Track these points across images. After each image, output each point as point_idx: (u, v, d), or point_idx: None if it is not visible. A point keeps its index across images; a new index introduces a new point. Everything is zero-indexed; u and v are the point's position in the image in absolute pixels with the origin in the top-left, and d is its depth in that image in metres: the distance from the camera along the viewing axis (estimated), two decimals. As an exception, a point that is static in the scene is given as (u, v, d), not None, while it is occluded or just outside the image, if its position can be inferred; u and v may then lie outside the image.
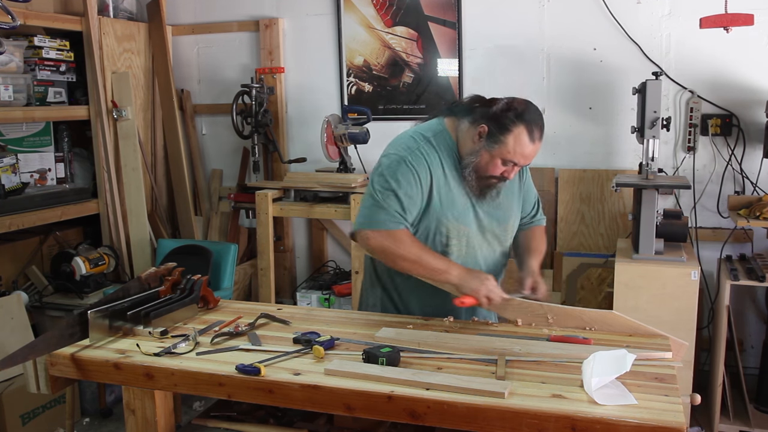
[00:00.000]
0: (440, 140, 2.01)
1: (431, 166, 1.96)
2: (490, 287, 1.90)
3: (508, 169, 1.96)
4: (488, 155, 1.93)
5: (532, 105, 1.94)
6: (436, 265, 1.92)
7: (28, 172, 3.71)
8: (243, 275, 4.12)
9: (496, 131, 1.90)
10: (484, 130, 1.92)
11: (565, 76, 3.66)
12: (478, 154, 1.94)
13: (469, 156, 1.97)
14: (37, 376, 1.81)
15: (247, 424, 1.82)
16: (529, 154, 1.93)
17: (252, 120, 4.02)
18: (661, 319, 2.83)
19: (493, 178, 1.98)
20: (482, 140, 1.93)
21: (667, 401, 1.46)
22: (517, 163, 1.94)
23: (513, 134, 1.89)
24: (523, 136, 1.89)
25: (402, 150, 1.98)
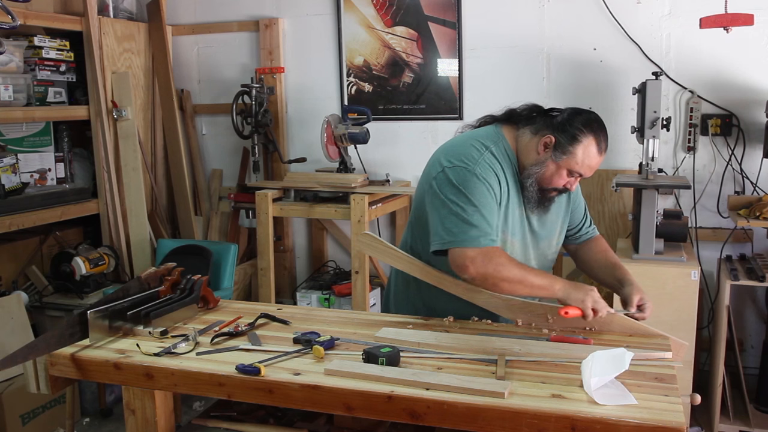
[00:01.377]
0: (500, 149, 1.95)
1: (498, 178, 1.90)
2: (595, 298, 1.84)
3: (572, 180, 1.93)
4: (555, 166, 1.89)
5: (596, 114, 1.92)
6: (540, 283, 1.86)
7: (28, 172, 3.71)
8: (243, 275, 4.12)
9: (564, 142, 1.87)
10: (550, 140, 1.88)
11: (565, 76, 3.66)
12: (544, 165, 1.90)
13: (534, 167, 1.91)
14: (37, 376, 1.81)
15: (247, 424, 1.82)
16: (596, 165, 1.91)
17: (252, 120, 4.02)
18: (661, 319, 2.83)
19: (555, 190, 1.95)
20: (548, 151, 1.89)
21: (667, 401, 1.46)
22: (583, 174, 1.91)
23: (582, 145, 1.87)
24: (591, 147, 1.87)
25: (466, 161, 1.89)
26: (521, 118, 1.98)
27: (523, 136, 1.96)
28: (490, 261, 1.82)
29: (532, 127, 1.95)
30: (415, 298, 2.12)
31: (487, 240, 1.83)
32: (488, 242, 1.83)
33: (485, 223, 1.84)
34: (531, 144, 1.93)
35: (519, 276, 1.84)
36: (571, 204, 2.14)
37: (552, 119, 1.92)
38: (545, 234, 2.06)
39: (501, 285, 1.85)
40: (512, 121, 2.00)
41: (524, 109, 2.00)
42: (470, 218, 1.83)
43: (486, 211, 1.85)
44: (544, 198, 1.97)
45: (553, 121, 1.91)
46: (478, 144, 1.93)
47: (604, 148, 1.90)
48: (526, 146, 1.95)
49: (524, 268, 1.89)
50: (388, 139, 3.97)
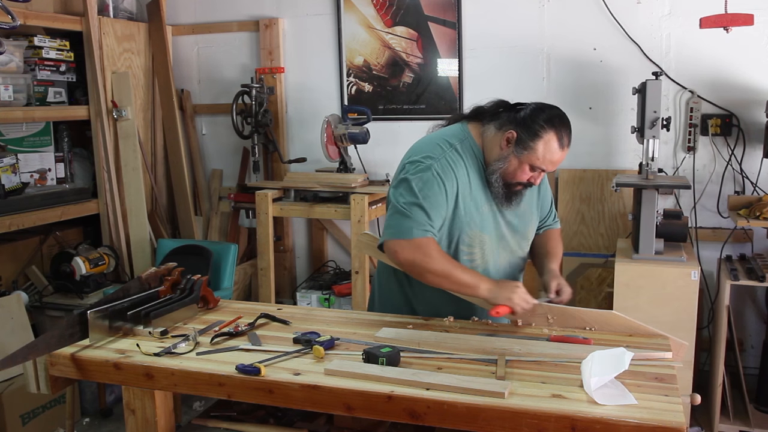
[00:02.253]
0: (466, 147, 1.98)
1: (457, 175, 1.93)
2: (521, 295, 1.89)
3: (535, 175, 1.95)
4: (517, 161, 1.91)
5: (559, 110, 1.93)
6: (466, 281, 1.90)
7: (28, 172, 3.71)
8: (243, 275, 4.12)
9: (525, 137, 1.89)
10: (512, 135, 1.90)
11: (565, 76, 3.66)
12: (507, 160, 1.92)
13: (497, 162, 1.94)
14: (37, 376, 1.81)
15: (247, 424, 1.82)
16: (558, 160, 1.92)
17: (252, 120, 4.02)
18: (661, 319, 2.83)
19: (519, 185, 1.97)
20: (510, 146, 1.91)
21: (667, 401, 1.46)
22: (545, 169, 1.93)
23: (543, 140, 1.88)
24: (552, 142, 1.88)
25: (428, 157, 1.93)
26: (487, 114, 2.01)
27: (488, 131, 1.98)
28: (418, 250, 1.87)
29: (496, 122, 1.97)
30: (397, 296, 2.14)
31: (419, 231, 1.88)
32: (421, 233, 1.88)
33: (423, 217, 1.88)
34: (495, 139, 1.96)
35: (446, 270, 1.88)
36: (541, 200, 2.17)
37: (516, 115, 1.93)
38: (520, 229, 2.08)
39: (427, 276, 1.90)
40: (479, 118, 2.02)
41: (491, 106, 2.02)
42: (409, 212, 1.89)
43: (428, 206, 1.89)
44: (510, 192, 1.98)
45: (516, 116, 1.93)
46: (443, 142, 1.97)
47: (567, 143, 1.91)
48: (490, 142, 1.97)
49: (453, 263, 1.91)
50: (388, 139, 3.97)
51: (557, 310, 1.95)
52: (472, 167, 1.97)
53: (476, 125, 2.02)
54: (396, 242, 1.90)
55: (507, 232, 2.05)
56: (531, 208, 2.11)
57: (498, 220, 2.02)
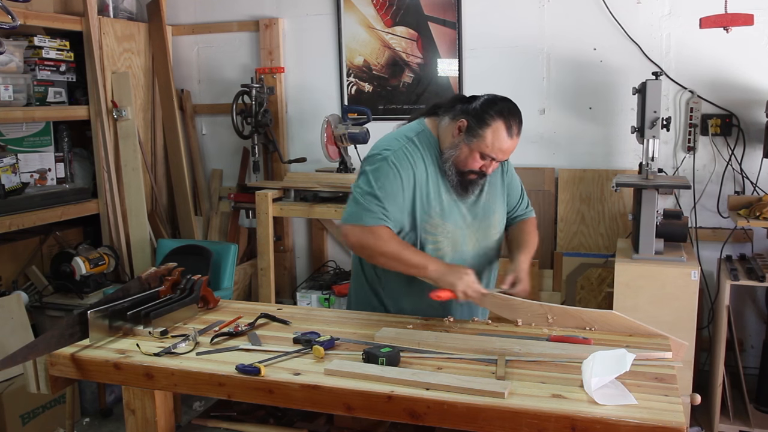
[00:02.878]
0: (423, 139, 2.05)
1: (414, 166, 2.00)
2: (467, 281, 1.92)
3: (487, 163, 1.99)
4: (467, 149, 1.97)
5: (510, 101, 1.99)
6: (415, 261, 1.95)
7: (28, 172, 3.71)
8: (243, 275, 4.12)
9: (474, 125, 1.95)
10: (463, 124, 1.97)
11: (565, 76, 3.66)
12: (458, 147, 1.98)
13: (449, 150, 2.01)
14: (37, 376, 1.81)
15: (247, 424, 1.82)
16: (507, 148, 1.97)
17: (252, 120, 4.02)
18: (661, 319, 2.84)
19: (473, 173, 2.01)
20: (461, 134, 1.98)
21: (667, 401, 1.46)
22: (495, 157, 1.98)
23: (491, 128, 1.93)
24: (501, 130, 1.93)
25: (385, 150, 2.01)
26: (443, 108, 2.07)
27: (443, 123, 2.05)
28: (371, 234, 1.94)
29: (450, 114, 2.03)
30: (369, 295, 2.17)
31: (373, 219, 1.94)
32: (374, 221, 1.94)
33: (377, 206, 1.95)
34: (449, 129, 2.02)
35: (395, 252, 1.94)
36: (506, 189, 2.21)
37: (468, 105, 1.99)
38: (483, 217, 2.11)
39: (378, 258, 1.97)
40: (436, 113, 2.09)
41: (447, 100, 2.09)
42: (364, 201, 1.96)
43: (382, 195, 1.95)
44: (464, 181, 2.03)
45: (468, 107, 1.99)
46: (400, 136, 2.05)
47: (516, 132, 1.96)
48: (444, 132, 2.04)
49: (403, 246, 1.96)
50: (388, 139, 3.96)
51: (557, 310, 1.95)
52: (430, 159, 2.03)
53: (433, 119, 2.09)
54: (348, 227, 1.98)
55: (471, 220, 2.09)
56: (495, 197, 2.16)
57: (460, 208, 2.06)
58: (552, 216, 3.73)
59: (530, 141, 3.74)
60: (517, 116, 1.96)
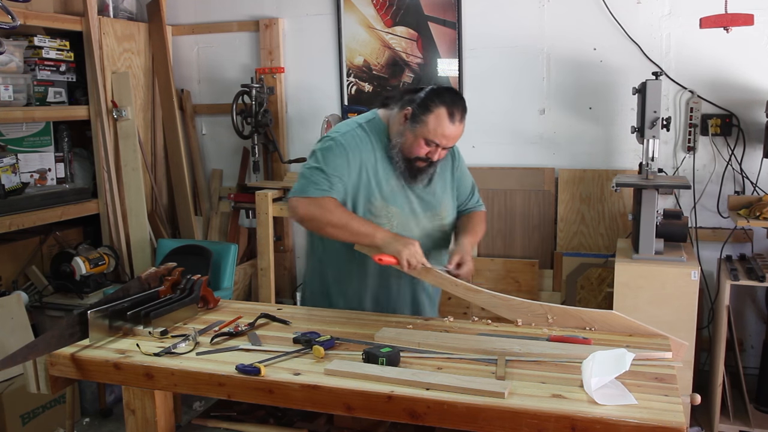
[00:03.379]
0: (372, 126, 2.14)
1: (361, 149, 2.09)
2: (412, 251, 1.96)
3: (432, 150, 2.05)
4: (412, 135, 2.04)
5: (454, 89, 2.11)
6: (363, 230, 2.01)
7: (28, 172, 3.71)
8: (243, 275, 4.12)
9: (418, 113, 2.02)
10: (408, 112, 2.05)
11: (565, 76, 3.66)
12: (403, 135, 2.06)
13: (396, 137, 2.09)
14: (37, 376, 1.81)
15: (247, 424, 1.82)
16: (450, 134, 2.03)
17: (252, 120, 4.02)
18: (661, 319, 2.84)
19: (420, 160, 2.07)
20: (407, 122, 2.05)
21: (667, 401, 1.46)
22: (439, 143, 2.03)
23: (434, 114, 2.01)
24: (443, 116, 2.00)
25: (335, 134, 2.12)
26: (394, 99, 2.16)
27: (393, 112, 2.14)
28: (318, 206, 2.00)
29: (399, 104, 2.12)
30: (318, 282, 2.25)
31: (318, 191, 2.02)
32: (320, 192, 2.02)
33: (323, 180, 2.03)
34: (396, 118, 2.11)
35: (343, 221, 2.00)
36: (456, 181, 2.29)
37: (415, 95, 2.07)
38: (432, 206, 2.19)
39: (326, 229, 2.03)
40: (387, 104, 2.19)
41: (398, 92, 2.20)
42: (313, 176, 2.04)
43: (329, 170, 2.04)
44: (412, 168, 2.10)
45: (415, 96, 2.06)
46: (351, 123, 2.17)
47: (459, 118, 2.03)
48: (393, 121, 2.13)
49: (351, 215, 2.04)
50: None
51: (557, 310, 1.95)
52: (379, 145, 2.12)
53: (385, 110, 2.18)
54: (296, 199, 2.04)
55: (418, 207, 2.16)
56: (444, 188, 2.23)
57: (408, 195, 2.14)
58: (552, 216, 3.73)
59: (530, 141, 3.75)
60: (460, 104, 2.04)
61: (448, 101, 2.01)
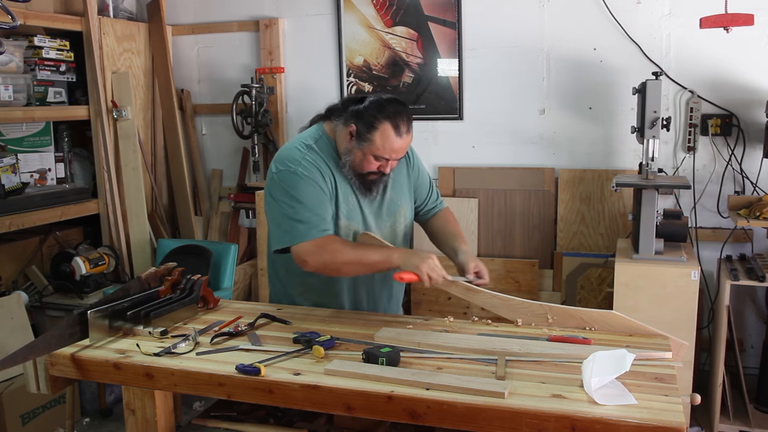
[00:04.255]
0: (322, 145, 2.07)
1: (322, 172, 2.01)
2: (431, 265, 1.91)
3: (383, 164, 2.02)
4: (360, 153, 2.00)
5: (396, 100, 2.02)
6: (377, 258, 1.96)
7: (28, 172, 3.71)
8: (243, 275, 4.11)
9: (363, 130, 1.97)
10: (353, 129, 1.99)
11: (565, 76, 3.66)
12: (352, 153, 2.01)
13: (345, 156, 2.03)
14: (37, 376, 1.81)
15: (247, 424, 1.82)
16: (399, 148, 1.99)
17: (252, 120, 4.02)
18: (661, 319, 2.83)
19: (372, 174, 2.04)
20: (353, 140, 2.00)
21: (667, 401, 1.46)
22: (389, 158, 2.00)
23: (379, 132, 1.96)
24: (389, 132, 1.96)
25: (290, 164, 2.00)
26: (337, 111, 2.09)
27: (338, 127, 2.07)
28: (324, 250, 1.93)
29: (342, 118, 2.05)
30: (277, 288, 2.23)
31: (316, 231, 1.95)
32: (318, 233, 1.95)
33: (314, 216, 1.96)
34: (343, 134, 2.04)
35: (356, 257, 1.95)
36: (412, 183, 2.25)
37: (357, 108, 2.01)
38: (388, 215, 2.16)
39: (342, 269, 1.98)
40: (330, 117, 2.12)
41: (340, 102, 2.12)
42: (298, 215, 1.95)
43: (313, 205, 1.96)
44: (365, 182, 2.06)
45: (357, 110, 2.01)
46: (301, 145, 2.06)
47: (405, 130, 1.98)
48: (339, 136, 2.06)
49: (359, 247, 1.99)
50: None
51: (557, 310, 1.95)
52: (332, 163, 2.06)
53: (330, 123, 2.11)
54: (302, 249, 1.94)
55: (377, 218, 2.13)
56: (402, 193, 2.20)
57: (365, 208, 2.10)
58: (552, 216, 3.73)
59: (530, 141, 3.75)
60: (404, 115, 1.99)
61: (392, 114, 1.96)
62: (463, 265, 2.08)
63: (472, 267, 2.05)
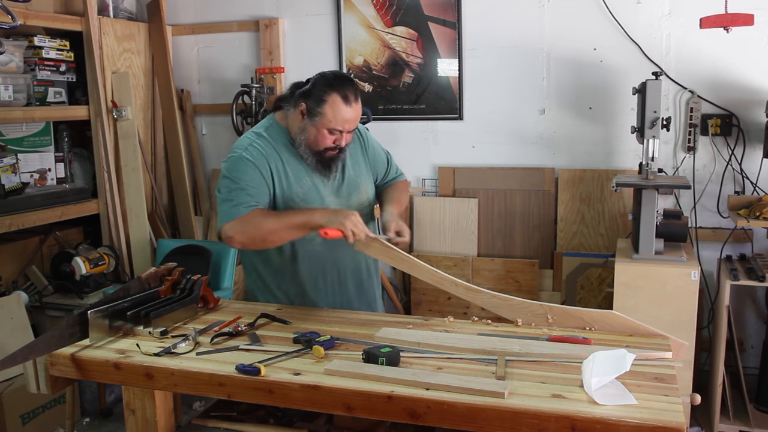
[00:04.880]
0: (272, 132, 2.13)
1: (268, 158, 2.07)
2: (354, 221, 1.94)
3: (338, 137, 2.06)
4: (314, 129, 2.05)
5: (339, 72, 2.12)
6: (300, 220, 1.98)
7: (28, 172, 3.71)
8: (243, 275, 4.11)
9: (313, 105, 2.03)
10: (303, 108, 2.05)
11: (565, 76, 3.66)
12: (306, 131, 2.06)
13: (299, 135, 2.09)
14: (37, 376, 1.81)
15: (247, 424, 1.82)
16: (350, 118, 2.04)
17: (252, 120, 4.02)
18: (661, 319, 2.83)
19: (329, 150, 2.08)
20: (305, 118, 2.05)
21: (667, 401, 1.46)
22: (342, 129, 2.05)
23: (328, 103, 2.01)
24: (337, 102, 2.01)
25: (238, 150, 2.09)
26: (285, 98, 2.16)
27: (289, 112, 2.13)
28: (248, 224, 1.97)
29: (291, 102, 2.11)
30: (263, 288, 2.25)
31: (242, 208, 1.99)
32: (245, 210, 1.99)
33: (244, 195, 2.00)
34: (294, 117, 2.10)
35: (278, 224, 1.98)
36: (369, 160, 2.31)
37: (304, 89, 2.08)
38: (348, 194, 2.20)
39: (269, 239, 2.00)
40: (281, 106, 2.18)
41: (287, 91, 2.18)
42: (230, 195, 2.01)
43: (246, 184, 2.02)
44: (324, 159, 2.10)
45: (304, 90, 2.07)
46: (250, 134, 2.15)
47: (353, 98, 2.04)
48: (291, 120, 2.12)
49: (282, 214, 2.02)
50: (388, 139, 3.96)
51: (557, 310, 1.95)
52: (284, 149, 2.11)
53: (281, 113, 2.17)
54: (228, 226, 1.99)
55: (333, 200, 2.16)
56: (360, 171, 2.24)
57: (320, 191, 2.14)
58: (552, 216, 3.73)
59: (530, 141, 3.75)
60: (350, 85, 2.04)
61: (338, 86, 2.02)
62: (385, 223, 2.15)
63: (393, 226, 2.11)
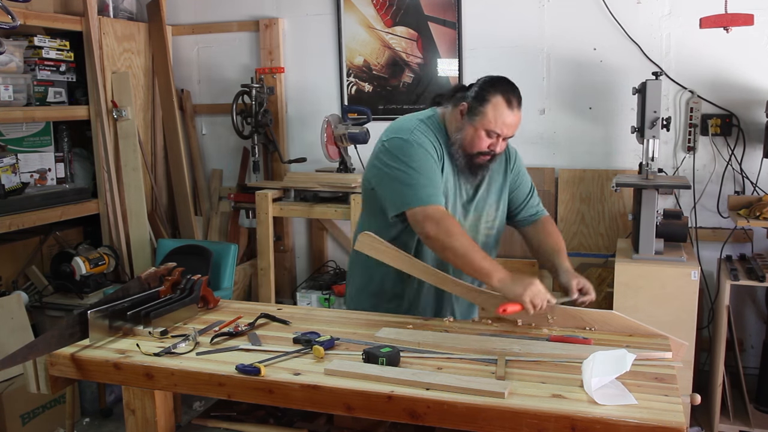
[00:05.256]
0: (432, 122, 2.10)
1: (432, 143, 2.04)
2: (534, 291, 1.82)
3: (494, 141, 2.02)
4: (472, 129, 2.01)
5: (506, 78, 2.04)
6: (481, 266, 1.88)
7: (28, 172, 3.71)
8: (243, 275, 4.11)
9: (475, 105, 2.00)
10: (464, 107, 2.03)
11: (565, 76, 3.66)
12: (463, 130, 2.03)
13: (455, 134, 2.05)
14: (37, 376, 1.81)
15: (247, 424, 1.82)
16: (511, 122, 2.00)
17: (252, 120, 4.02)
18: (661, 319, 2.83)
19: (482, 154, 2.04)
20: (465, 117, 2.03)
21: (667, 401, 1.46)
22: (500, 133, 2.01)
23: (491, 104, 1.98)
24: (501, 104, 1.98)
25: (401, 133, 2.04)
26: (446, 97, 2.14)
27: (448, 110, 2.11)
28: (441, 223, 1.91)
29: (452, 102, 2.10)
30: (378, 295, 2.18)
31: (434, 198, 1.95)
32: (436, 200, 1.95)
33: (428, 183, 1.96)
34: (453, 115, 2.08)
35: (464, 251, 1.90)
36: (510, 183, 2.23)
37: (467, 91, 2.07)
38: (478, 206, 2.15)
39: (446, 252, 1.93)
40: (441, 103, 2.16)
41: (449, 91, 2.17)
42: (412, 180, 1.96)
43: (426, 171, 1.98)
44: (472, 164, 2.06)
45: (468, 92, 2.06)
46: (412, 119, 2.11)
47: (516, 104, 2.00)
48: (450, 118, 2.09)
49: (472, 246, 1.92)
50: (388, 139, 3.97)
51: (557, 310, 1.95)
52: (439, 141, 2.07)
53: (442, 108, 2.14)
54: (419, 212, 1.93)
55: (463, 206, 2.12)
56: (491, 191, 2.17)
57: (457, 192, 2.09)
58: (552, 216, 3.72)
59: (530, 141, 3.74)
60: (516, 91, 2.01)
61: (502, 88, 1.99)
62: (566, 284, 2.02)
63: (575, 285, 2.00)
